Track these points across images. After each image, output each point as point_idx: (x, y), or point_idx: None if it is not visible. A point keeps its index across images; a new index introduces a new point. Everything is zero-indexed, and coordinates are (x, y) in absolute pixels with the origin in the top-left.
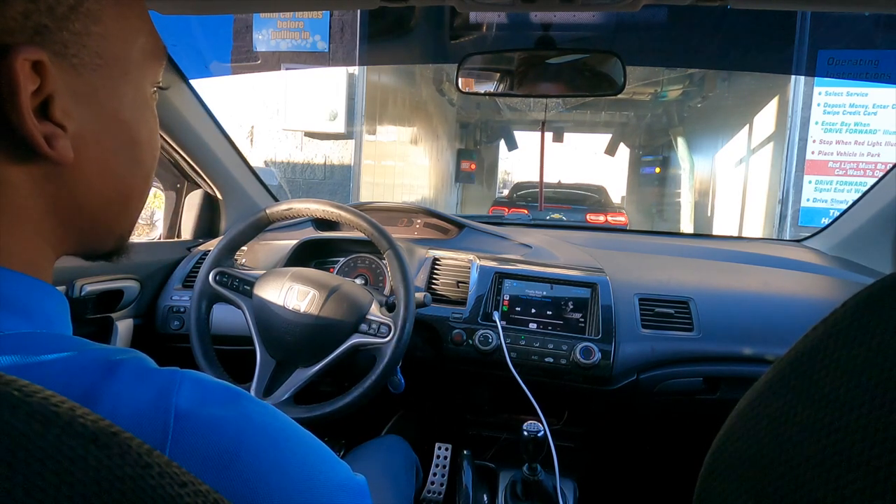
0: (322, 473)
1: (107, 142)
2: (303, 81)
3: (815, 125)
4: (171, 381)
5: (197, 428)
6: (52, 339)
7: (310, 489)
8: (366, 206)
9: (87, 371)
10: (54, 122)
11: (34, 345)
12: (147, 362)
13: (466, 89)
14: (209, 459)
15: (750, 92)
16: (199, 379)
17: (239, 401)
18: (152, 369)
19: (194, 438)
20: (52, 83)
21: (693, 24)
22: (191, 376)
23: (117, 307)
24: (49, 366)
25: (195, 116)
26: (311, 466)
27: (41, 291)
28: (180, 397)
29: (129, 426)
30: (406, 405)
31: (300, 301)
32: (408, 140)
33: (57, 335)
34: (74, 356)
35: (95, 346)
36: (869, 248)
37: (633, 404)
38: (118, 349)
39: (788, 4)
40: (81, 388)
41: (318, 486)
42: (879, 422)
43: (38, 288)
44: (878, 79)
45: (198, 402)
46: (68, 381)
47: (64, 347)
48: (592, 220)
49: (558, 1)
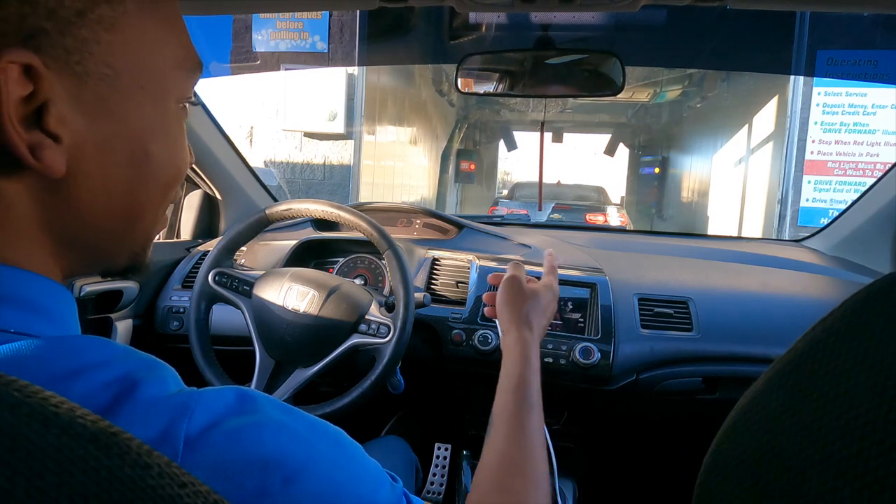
0: (357, 477)
1: (113, 154)
2: (302, 82)
3: (815, 125)
4: (185, 407)
5: (212, 445)
6: (73, 345)
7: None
8: (365, 206)
9: (103, 392)
10: (46, 131)
11: (56, 351)
12: (164, 382)
13: (466, 89)
14: (231, 470)
15: (749, 92)
16: (215, 397)
17: (257, 407)
18: (165, 397)
19: (211, 455)
20: (47, 90)
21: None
22: (206, 397)
23: (117, 308)
24: (76, 380)
25: (194, 117)
26: (346, 469)
27: (52, 290)
28: (192, 423)
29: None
30: (406, 405)
31: (299, 301)
32: (407, 140)
33: (77, 338)
34: (98, 369)
35: (114, 357)
36: (868, 248)
37: (633, 404)
38: (143, 359)
39: (788, 4)
40: (100, 407)
41: (358, 486)
42: (878, 421)
43: (49, 286)
44: (877, 79)
45: (211, 421)
46: (89, 401)
47: (92, 357)
48: (592, 220)
49: (557, 1)
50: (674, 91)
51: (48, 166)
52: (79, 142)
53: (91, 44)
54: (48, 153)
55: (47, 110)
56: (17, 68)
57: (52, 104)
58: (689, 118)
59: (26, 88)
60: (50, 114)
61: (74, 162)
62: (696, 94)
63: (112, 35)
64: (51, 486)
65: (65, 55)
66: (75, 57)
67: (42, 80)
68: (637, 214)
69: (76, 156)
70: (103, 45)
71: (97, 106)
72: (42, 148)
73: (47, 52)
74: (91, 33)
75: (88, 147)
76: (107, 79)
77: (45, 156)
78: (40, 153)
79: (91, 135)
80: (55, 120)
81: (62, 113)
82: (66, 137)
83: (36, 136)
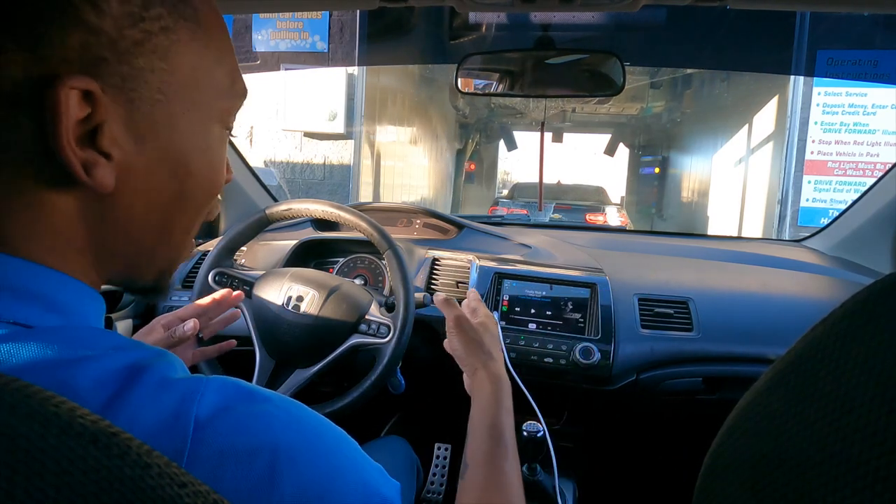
0: (356, 472)
1: (157, 173)
2: (302, 82)
3: (815, 125)
4: (194, 390)
5: (221, 430)
6: (85, 333)
7: (341, 486)
8: (365, 206)
9: (114, 376)
10: (100, 149)
11: (69, 339)
12: (173, 369)
13: (466, 89)
14: (239, 455)
15: (749, 92)
16: (224, 383)
17: (268, 399)
18: (175, 379)
19: (219, 441)
20: (103, 113)
21: (692, 25)
22: (215, 382)
23: (117, 308)
24: (80, 365)
25: None
26: (343, 465)
27: (80, 291)
28: (201, 406)
29: (147, 437)
30: (406, 406)
31: (299, 301)
32: (407, 140)
33: (89, 329)
34: (104, 356)
35: (125, 345)
36: (868, 248)
37: (633, 404)
38: (148, 350)
39: (788, 4)
40: (106, 395)
41: (352, 482)
42: (879, 422)
43: (77, 287)
44: (878, 79)
45: (221, 406)
46: (96, 386)
47: (96, 344)
48: (592, 220)
49: (557, 1)
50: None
51: (99, 182)
52: (128, 160)
53: (146, 72)
54: (100, 170)
55: (101, 131)
56: (78, 94)
57: (107, 126)
58: (690, 118)
59: (84, 111)
60: (104, 134)
61: (122, 178)
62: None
63: (166, 63)
64: (50, 486)
65: (121, 82)
66: (130, 84)
67: (99, 105)
68: (637, 214)
69: (124, 173)
70: (157, 72)
71: (147, 128)
72: (95, 166)
73: (105, 80)
74: (147, 62)
75: (137, 166)
76: (158, 104)
77: (97, 173)
78: (92, 170)
79: (140, 154)
80: (108, 140)
81: (115, 134)
82: (116, 156)
83: (90, 154)
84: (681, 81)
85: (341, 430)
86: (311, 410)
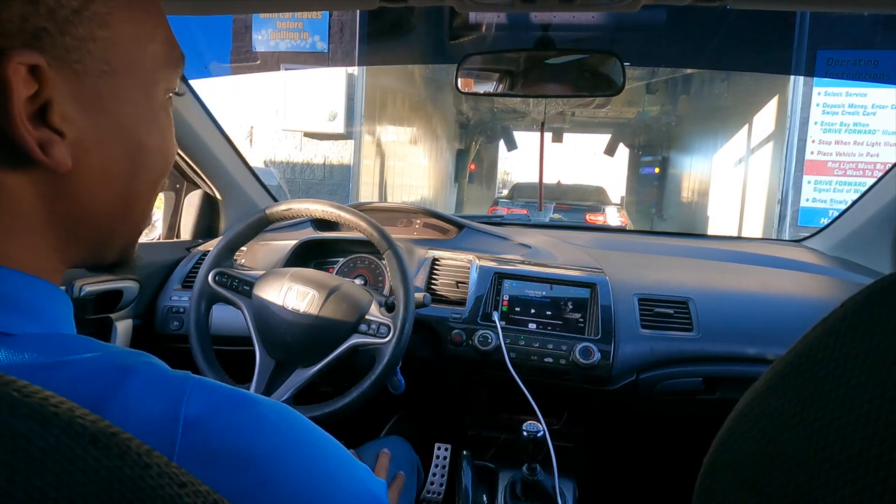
0: (345, 474)
1: (110, 148)
2: (302, 82)
3: (815, 125)
4: (182, 389)
5: (208, 433)
6: (65, 341)
7: (333, 489)
8: (365, 206)
9: (99, 376)
10: (52, 127)
11: (48, 346)
12: (159, 368)
13: (465, 89)
14: (223, 462)
15: (749, 92)
16: (211, 385)
17: (254, 405)
18: (162, 377)
19: (206, 443)
20: (50, 88)
21: (692, 25)
22: (202, 383)
23: (117, 308)
24: (62, 368)
25: (194, 117)
26: (333, 467)
27: (47, 292)
28: (190, 405)
29: (137, 434)
30: (406, 406)
31: (300, 301)
32: (407, 140)
33: (70, 336)
34: (87, 360)
35: (107, 349)
36: (868, 248)
37: (633, 404)
38: (130, 352)
39: (788, 4)
40: (94, 393)
41: (343, 485)
42: (879, 422)
43: (44, 288)
44: (878, 79)
45: (209, 408)
46: (81, 386)
47: (77, 349)
48: (592, 220)
49: (557, 1)
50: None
51: (57, 161)
52: (80, 137)
53: (88, 41)
54: (56, 149)
55: (51, 108)
56: (25, 69)
57: (56, 102)
58: (689, 118)
59: (32, 88)
60: (54, 111)
61: (76, 156)
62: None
63: (106, 32)
64: (50, 486)
65: (64, 54)
66: (74, 55)
67: (46, 80)
68: (637, 214)
69: (78, 150)
70: (99, 41)
71: (95, 102)
72: (50, 144)
73: (49, 52)
74: (87, 31)
75: (89, 142)
76: (103, 75)
77: (54, 152)
78: (49, 149)
79: (91, 130)
80: (59, 117)
81: (64, 110)
82: (69, 133)
83: (44, 133)
84: (680, 82)
85: (327, 433)
86: (299, 413)
